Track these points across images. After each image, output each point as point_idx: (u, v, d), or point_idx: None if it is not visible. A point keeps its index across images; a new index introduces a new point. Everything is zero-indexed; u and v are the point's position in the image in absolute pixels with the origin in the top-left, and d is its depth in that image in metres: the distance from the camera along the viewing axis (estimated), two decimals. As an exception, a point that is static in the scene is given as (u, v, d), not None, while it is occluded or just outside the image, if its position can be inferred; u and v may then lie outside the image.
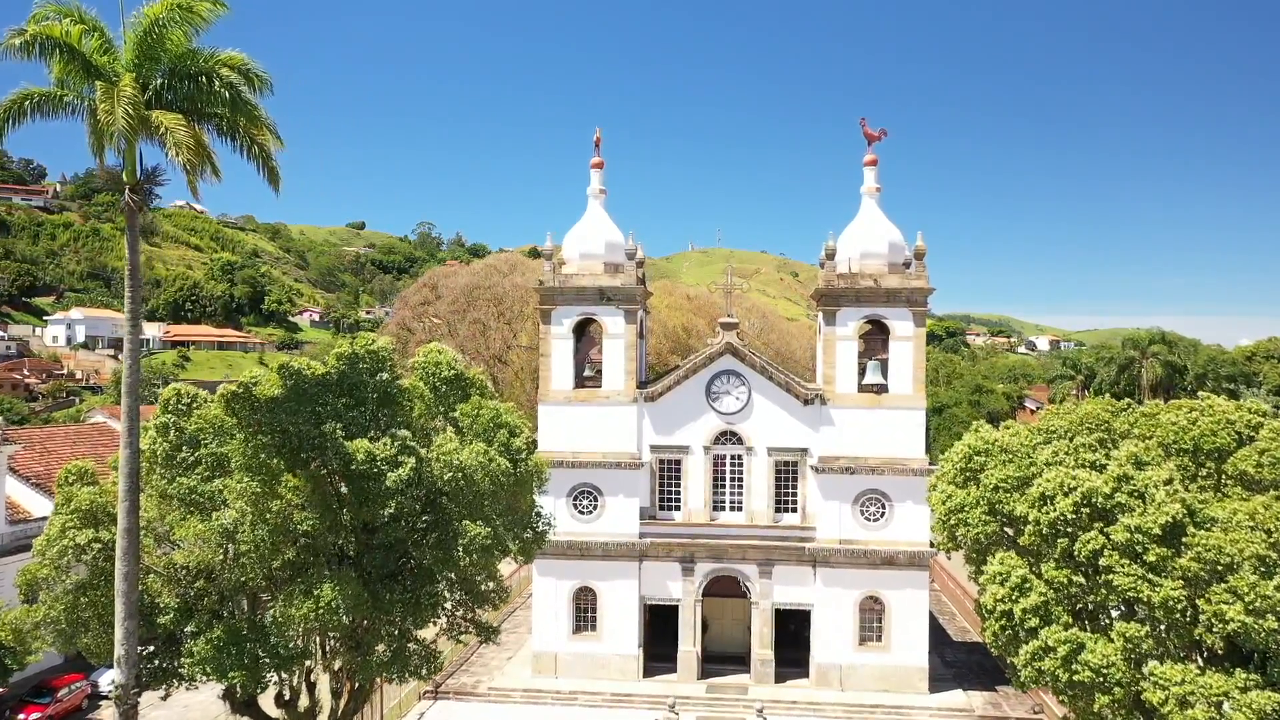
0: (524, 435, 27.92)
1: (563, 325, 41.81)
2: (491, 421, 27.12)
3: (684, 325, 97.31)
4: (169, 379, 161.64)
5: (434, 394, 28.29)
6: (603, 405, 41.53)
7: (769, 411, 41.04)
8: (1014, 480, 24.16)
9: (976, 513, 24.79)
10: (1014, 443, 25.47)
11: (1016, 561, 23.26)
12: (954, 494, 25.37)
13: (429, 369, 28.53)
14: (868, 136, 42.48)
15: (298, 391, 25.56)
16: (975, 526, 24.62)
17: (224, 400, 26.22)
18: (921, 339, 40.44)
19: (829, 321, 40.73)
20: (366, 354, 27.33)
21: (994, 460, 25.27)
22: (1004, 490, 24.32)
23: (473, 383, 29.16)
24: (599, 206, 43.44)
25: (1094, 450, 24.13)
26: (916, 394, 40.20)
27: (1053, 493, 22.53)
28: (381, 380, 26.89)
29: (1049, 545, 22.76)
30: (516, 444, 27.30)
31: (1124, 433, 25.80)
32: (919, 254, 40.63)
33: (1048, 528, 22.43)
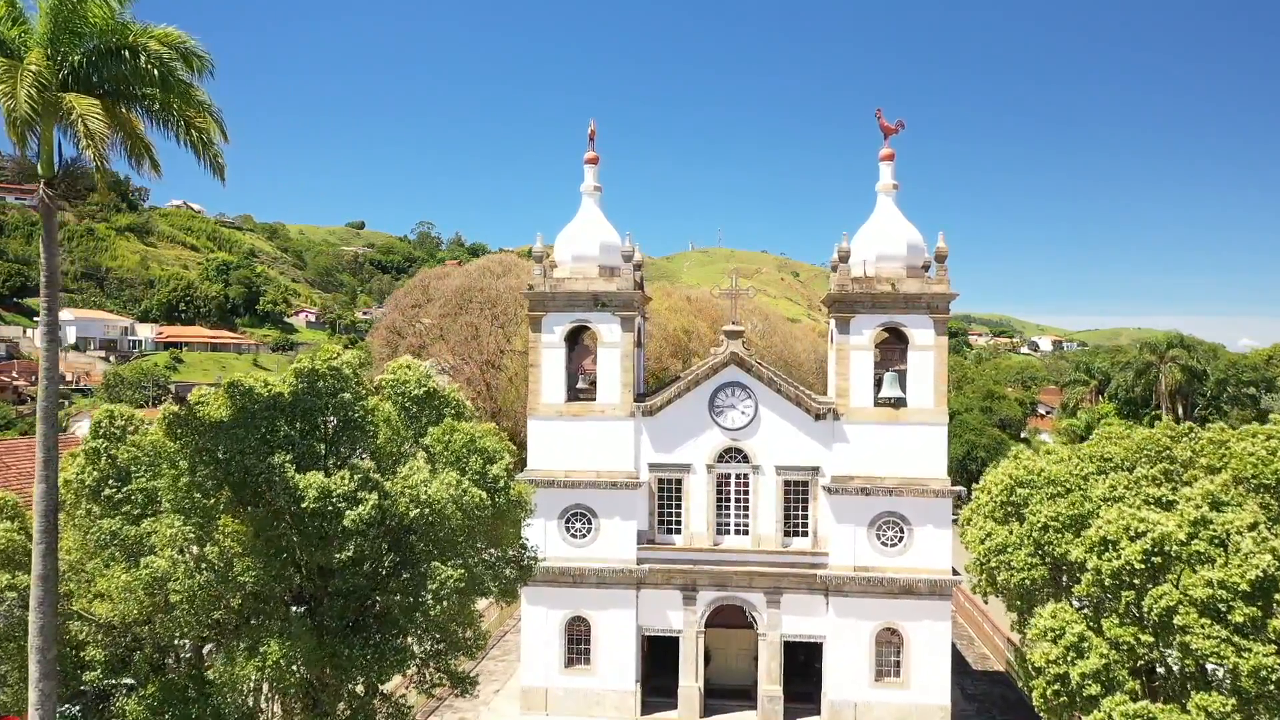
0: (503, 461, 24.71)
1: (554, 333, 38.61)
2: (465, 447, 23.93)
3: (684, 328, 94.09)
4: (160, 381, 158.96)
5: (403, 416, 25.09)
6: (597, 420, 38.33)
7: (777, 427, 37.84)
8: (1066, 518, 21.02)
9: (1021, 554, 21.67)
10: (1062, 473, 22.33)
11: (1071, 615, 20.07)
12: (994, 531, 22.25)
13: (397, 387, 25.32)
14: (884, 129, 39.27)
15: (245, 415, 22.39)
16: (1020, 571, 21.48)
17: (164, 423, 23.10)
18: (943, 349, 37.24)
19: (842, 329, 37.52)
20: (327, 371, 24.17)
21: (1040, 493, 22.09)
22: (1055, 530, 21.10)
23: (447, 401, 25.95)
24: (593, 204, 40.23)
25: (1158, 484, 20.93)
26: (938, 408, 36.99)
27: (1115, 536, 19.34)
28: (343, 401, 23.72)
29: (1111, 598, 19.62)
30: (494, 471, 24.09)
31: (1187, 461, 22.56)
32: (940, 256, 37.42)
33: (1110, 578, 19.22)
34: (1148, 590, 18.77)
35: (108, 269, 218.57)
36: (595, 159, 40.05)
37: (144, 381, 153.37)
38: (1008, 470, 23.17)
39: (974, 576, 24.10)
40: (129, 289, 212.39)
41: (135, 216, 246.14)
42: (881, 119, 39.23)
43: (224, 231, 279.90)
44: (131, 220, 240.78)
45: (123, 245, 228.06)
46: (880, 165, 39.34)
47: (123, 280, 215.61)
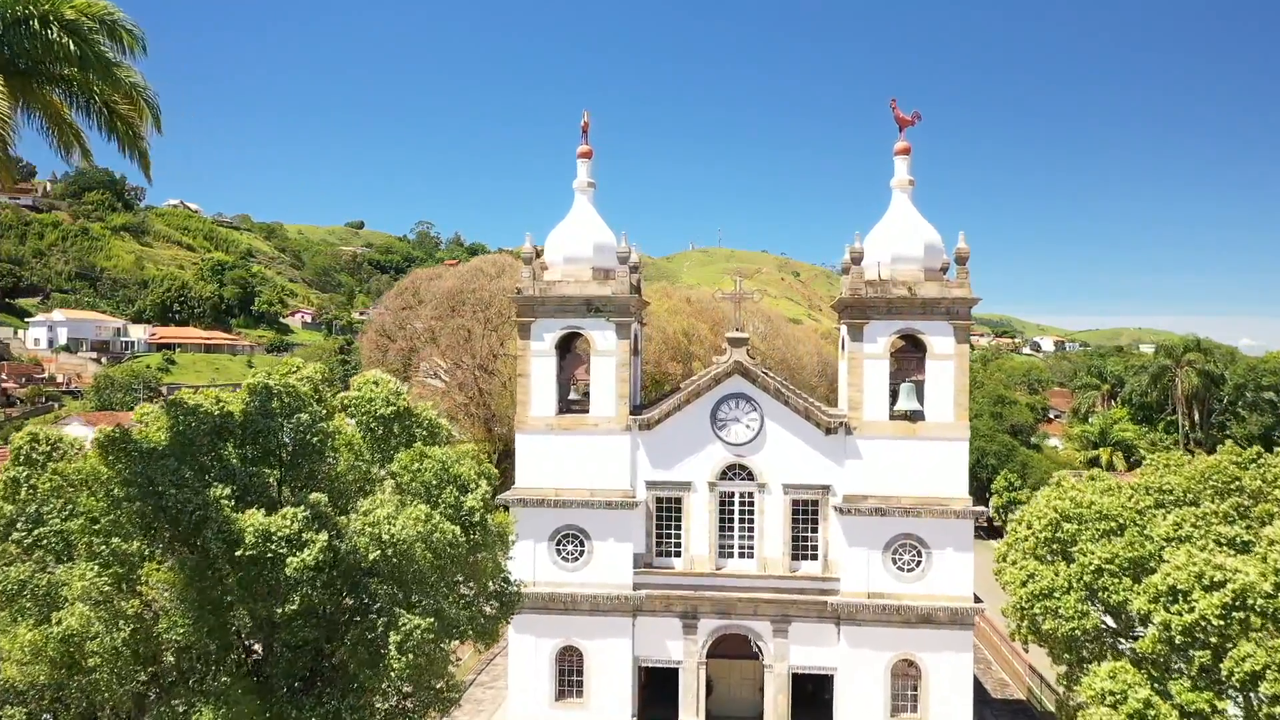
0: (479, 491, 21.93)
1: (544, 341, 35.83)
2: (437, 475, 21.14)
3: (684, 330, 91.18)
4: (152, 383, 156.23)
5: (368, 439, 22.30)
6: (590, 434, 35.55)
7: (785, 442, 35.07)
8: (1124, 561, 18.19)
9: (1070, 600, 18.95)
10: (1115, 506, 19.59)
11: (1134, 677, 17.31)
12: (1039, 572, 19.47)
13: (362, 406, 22.52)
14: (899, 121, 36.49)
15: (184, 440, 19.62)
16: (1070, 620, 18.75)
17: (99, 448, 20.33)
18: (964, 357, 34.48)
19: (855, 337, 34.73)
20: (282, 388, 21.40)
21: (1090, 529, 19.30)
22: (1111, 574, 18.30)
23: (419, 421, 23.17)
24: (587, 202, 37.46)
25: (1230, 521, 18.15)
26: (958, 422, 34.23)
27: (1186, 585, 16.59)
28: (300, 423, 20.94)
29: (1182, 658, 16.77)
30: (469, 503, 21.32)
31: (1258, 492, 19.77)
32: (961, 258, 34.65)
33: (1181, 634, 16.44)
34: (1227, 650, 16.06)
35: (102, 269, 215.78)
36: (589, 153, 37.29)
37: (134, 383, 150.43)
38: (1051, 501, 20.47)
39: (1013, 621, 21.36)
40: (123, 289, 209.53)
41: (131, 216, 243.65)
42: (896, 110, 36.51)
43: (221, 231, 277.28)
44: (127, 220, 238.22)
45: (118, 245, 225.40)
46: (895, 160, 36.58)
47: (116, 280, 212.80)
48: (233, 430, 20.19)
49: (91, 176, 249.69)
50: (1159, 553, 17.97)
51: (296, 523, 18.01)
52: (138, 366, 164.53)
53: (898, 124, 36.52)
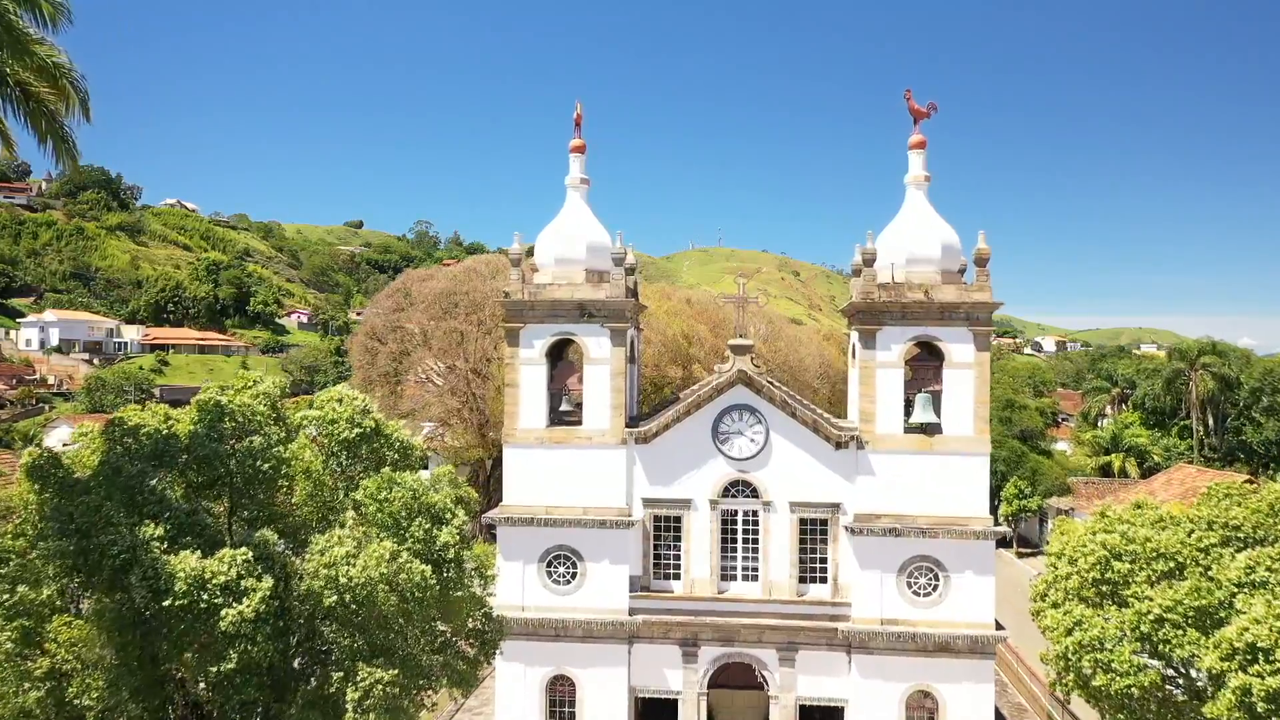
0: (456, 522, 19.55)
1: (533, 348, 33.46)
2: (407, 505, 18.76)
3: (684, 332, 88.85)
4: (144, 384, 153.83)
5: (331, 465, 19.93)
6: (583, 448, 33.18)
7: (791, 457, 32.71)
8: (1189, 610, 15.79)
9: (1125, 652, 16.61)
10: (1173, 542, 17.26)
11: (1205, 748, 14.87)
12: (1086, 619, 17.11)
13: (324, 428, 20.13)
14: (914, 112, 34.12)
15: (113, 469, 17.26)
16: (1125, 675, 16.38)
17: (26, 473, 17.98)
18: (984, 366, 32.09)
19: (867, 344, 32.35)
20: (235, 407, 19.04)
21: (1146, 570, 16.91)
22: (1173, 624, 15.93)
23: (389, 442, 20.80)
24: (580, 200, 35.08)
25: (1311, 565, 15.71)
26: (978, 436, 31.86)
27: (1269, 643, 14.16)
28: (252, 448, 18.57)
29: (1263, 729, 14.39)
30: (442, 538, 18.94)
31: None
32: (981, 259, 32.28)
33: (1264, 701, 14.08)
34: (1318, 722, 13.79)
35: (97, 269, 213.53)
36: (582, 147, 34.92)
37: (126, 385, 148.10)
38: (1099, 536, 18.09)
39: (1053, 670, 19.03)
40: (116, 289, 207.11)
41: (126, 215, 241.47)
42: (911, 102, 34.11)
43: (217, 230, 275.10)
44: (122, 219, 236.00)
45: (113, 244, 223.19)
46: (909, 155, 34.17)
47: (110, 280, 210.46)
48: (175, 456, 17.83)
49: (87, 175, 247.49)
50: (1230, 600, 15.68)
51: (235, 567, 15.64)
52: (130, 368, 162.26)
53: (912, 116, 34.15)
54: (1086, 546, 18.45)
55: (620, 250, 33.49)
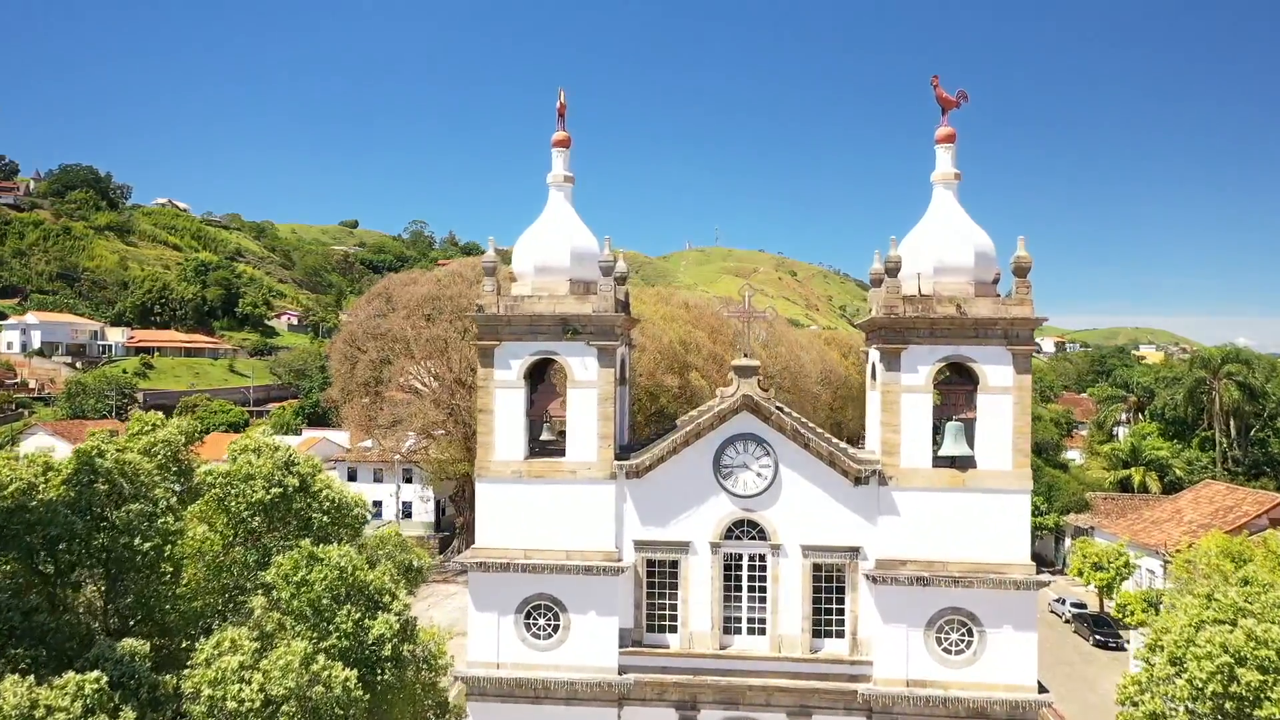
0: (396, 608, 15.57)
1: (510, 369, 29.40)
2: (333, 589, 14.73)
3: (681, 339, 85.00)
4: (126, 389, 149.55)
5: (240, 532, 15.88)
6: (567, 483, 29.12)
7: (804, 494, 28.68)
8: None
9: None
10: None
11: None
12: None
13: (234, 487, 16.05)
14: (942, 101, 30.08)
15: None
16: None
17: None
18: (1025, 391, 28.08)
19: (890, 365, 28.29)
20: (114, 465, 14.97)
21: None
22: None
23: (318, 501, 16.75)
24: (563, 200, 31.01)
25: None
26: (1018, 471, 27.85)
27: None
28: (129, 521, 14.52)
29: None
30: (377, 629, 14.96)
31: None
32: (1021, 268, 28.26)
33: None
34: None
35: (84, 269, 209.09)
36: (565, 140, 30.85)
37: (107, 390, 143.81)
38: (1211, 629, 14.18)
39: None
40: (102, 290, 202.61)
41: (115, 215, 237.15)
42: (939, 89, 30.07)
43: (209, 230, 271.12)
44: (111, 219, 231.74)
45: (101, 245, 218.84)
46: (937, 150, 30.11)
47: (96, 281, 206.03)
48: (16, 534, 13.77)
49: (75, 174, 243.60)
50: None
51: (82, 698, 11.61)
52: (113, 371, 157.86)
53: (940, 105, 30.10)
54: (1198, 645, 14.56)
55: (609, 258, 29.41)
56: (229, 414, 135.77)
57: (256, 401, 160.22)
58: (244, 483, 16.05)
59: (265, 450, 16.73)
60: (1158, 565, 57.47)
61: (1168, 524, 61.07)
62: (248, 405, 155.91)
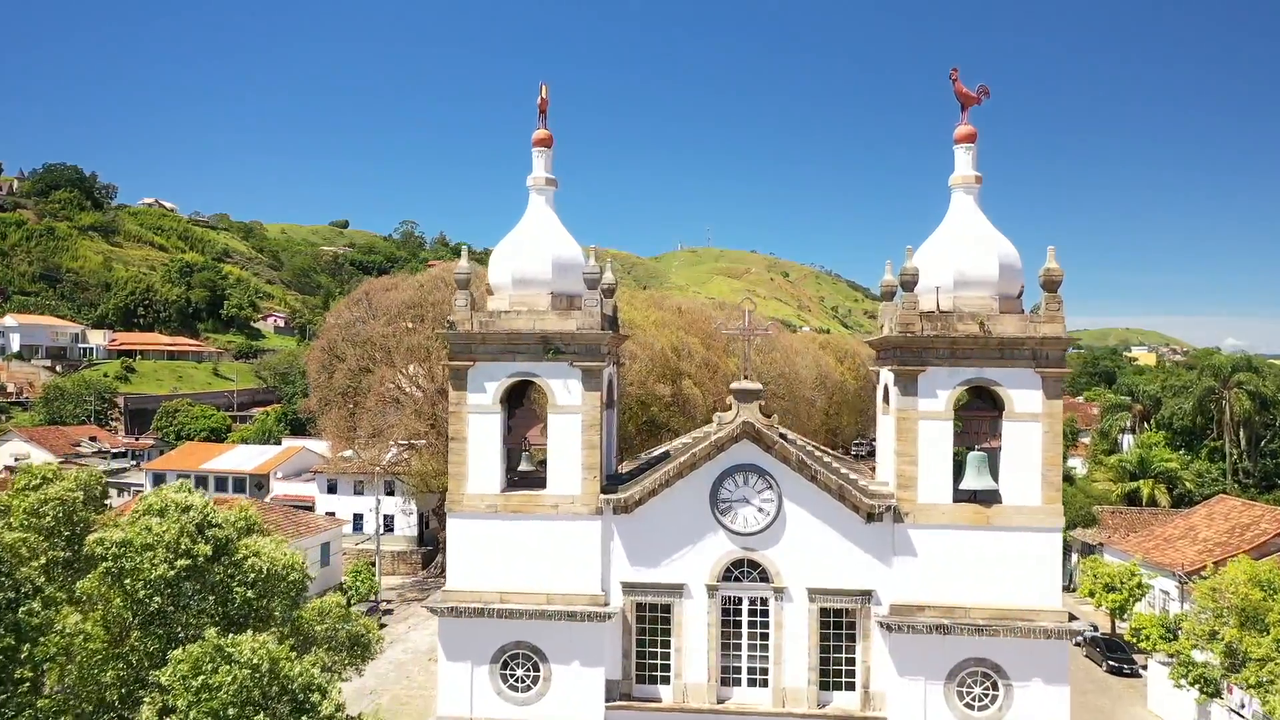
0: (331, 703, 12.66)
1: (485, 392, 26.53)
2: (244, 692, 11.86)
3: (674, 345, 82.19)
4: (106, 393, 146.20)
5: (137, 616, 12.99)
6: (548, 519, 26.28)
7: (810, 531, 25.89)
8: None
9: None
10: None
11: None
12: None
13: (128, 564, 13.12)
14: (961, 97, 27.33)
15: None
16: None
17: None
18: (1056, 418, 25.33)
19: (906, 389, 25.49)
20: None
21: None
22: None
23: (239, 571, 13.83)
24: (545, 205, 28.14)
25: None
26: (1048, 506, 25.09)
27: None
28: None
29: None
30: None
31: None
32: (1051, 282, 25.50)
33: None
34: None
35: (68, 270, 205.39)
36: (548, 139, 27.99)
37: (86, 394, 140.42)
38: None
39: None
40: (84, 292, 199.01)
41: (100, 215, 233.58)
42: (958, 84, 27.30)
43: (196, 230, 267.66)
44: (96, 219, 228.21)
45: (85, 245, 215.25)
46: (955, 151, 27.33)
47: (78, 283, 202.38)
48: None
49: (60, 174, 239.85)
50: None
51: None
52: (93, 375, 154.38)
53: (959, 101, 27.36)
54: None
55: (594, 269, 26.55)
56: (210, 419, 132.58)
57: (240, 406, 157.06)
58: (142, 554, 13.15)
59: (172, 511, 13.84)
60: (1172, 586, 54.80)
61: (1181, 542, 58.39)
62: (231, 410, 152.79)
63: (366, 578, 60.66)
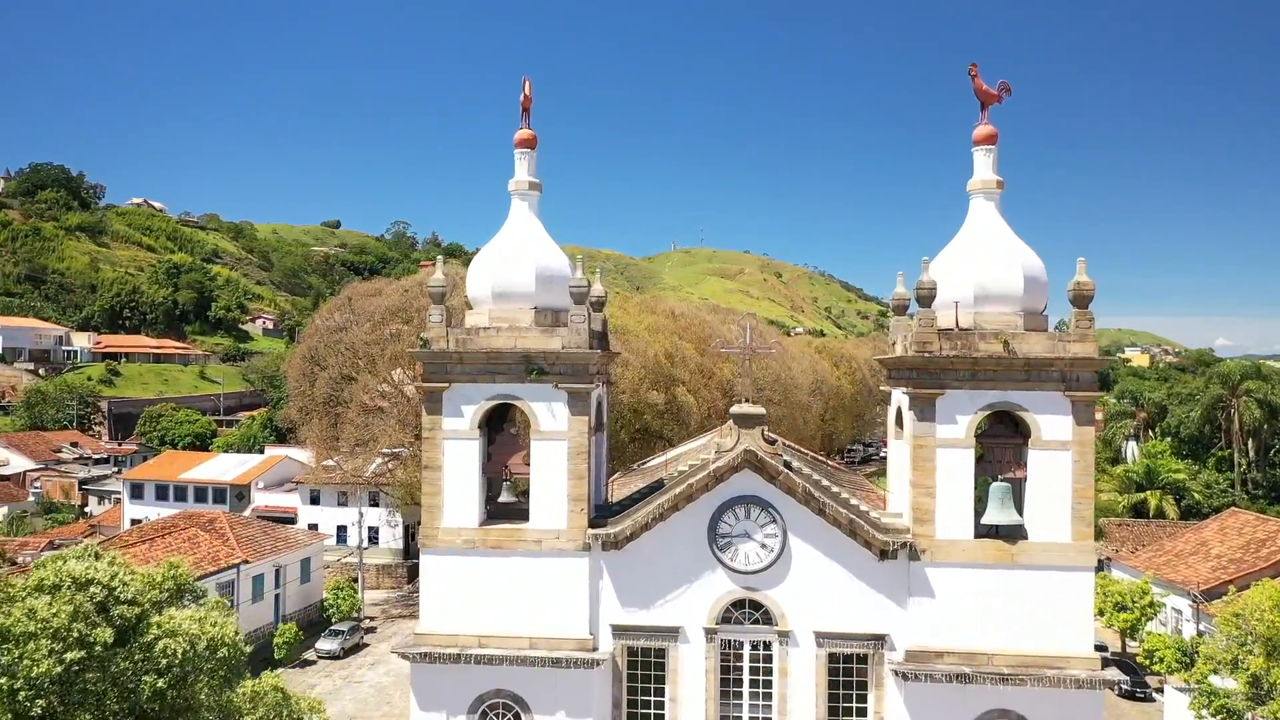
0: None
1: (462, 416, 24.25)
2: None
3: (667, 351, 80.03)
4: (89, 397, 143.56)
5: None
6: (531, 555, 24.02)
7: (818, 570, 23.67)
8: None
9: None
10: None
11: None
12: None
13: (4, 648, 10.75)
14: (981, 95, 25.13)
15: None
16: None
17: None
18: (1087, 446, 23.13)
19: (923, 414, 23.28)
20: None
21: None
22: None
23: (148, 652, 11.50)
24: (528, 212, 25.85)
25: None
26: (1078, 543, 22.92)
27: None
28: None
29: None
30: None
31: None
32: (1081, 296, 23.33)
33: None
34: None
35: (53, 271, 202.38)
36: (531, 140, 25.71)
37: (68, 398, 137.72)
38: None
39: None
40: (69, 294, 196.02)
41: (87, 215, 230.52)
42: (978, 80, 25.11)
43: (185, 231, 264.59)
44: (83, 219, 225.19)
45: (71, 246, 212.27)
46: (975, 153, 25.13)
47: (63, 284, 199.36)
48: None
49: (46, 173, 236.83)
50: None
51: None
52: (76, 379, 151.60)
53: (979, 99, 25.16)
54: None
55: (582, 281, 24.26)
56: (195, 424, 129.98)
57: (227, 410, 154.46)
58: (23, 646, 10.76)
59: (66, 590, 11.43)
60: (1185, 605, 52.70)
61: (1193, 558, 56.30)
62: (218, 414, 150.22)
63: (348, 594, 58.33)
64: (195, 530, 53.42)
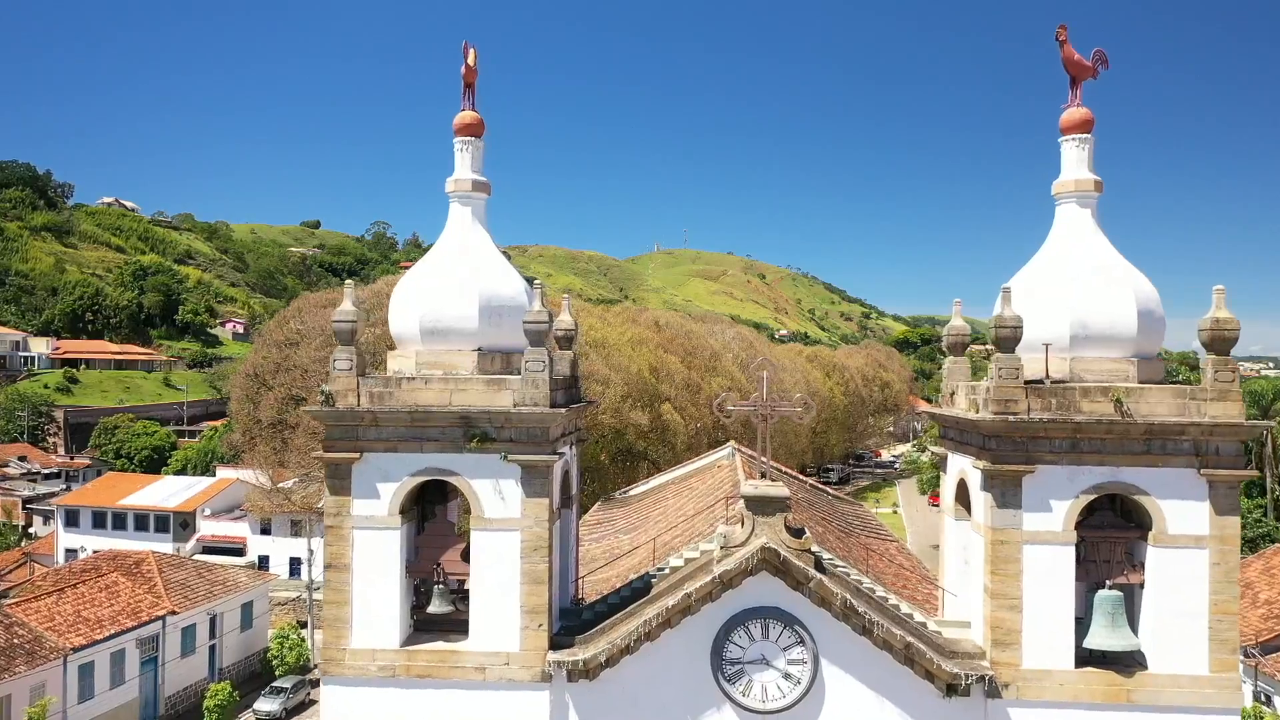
0: None
1: (379, 498, 17.79)
2: None
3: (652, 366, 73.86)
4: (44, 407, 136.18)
5: None
6: (471, 687, 17.60)
7: (862, 708, 17.39)
8: None
9: None
10: None
11: None
12: None
13: None
14: (1071, 67, 18.82)
15: None
16: None
17: None
18: (1230, 543, 16.90)
19: (1005, 498, 17.02)
20: None
21: None
22: None
23: None
24: (471, 221, 19.37)
25: None
26: (1219, 675, 16.74)
27: None
28: None
29: None
30: None
31: None
32: (1221, 338, 17.08)
33: None
34: None
35: (16, 273, 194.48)
36: (476, 124, 19.28)
37: (19, 408, 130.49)
38: None
39: None
40: (28, 296, 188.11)
41: (54, 215, 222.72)
42: (1066, 45, 18.83)
43: (157, 231, 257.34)
44: (49, 219, 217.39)
45: (36, 246, 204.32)
46: (1063, 146, 18.82)
47: (23, 287, 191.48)
48: None
49: (11, 172, 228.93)
50: None
51: None
52: (31, 387, 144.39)
53: (1068, 73, 18.87)
54: None
55: (542, 314, 17.78)
56: (153, 436, 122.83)
57: (191, 419, 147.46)
58: None
59: None
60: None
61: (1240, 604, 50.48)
62: (181, 423, 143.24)
63: (295, 643, 51.87)
64: (116, 576, 46.86)
